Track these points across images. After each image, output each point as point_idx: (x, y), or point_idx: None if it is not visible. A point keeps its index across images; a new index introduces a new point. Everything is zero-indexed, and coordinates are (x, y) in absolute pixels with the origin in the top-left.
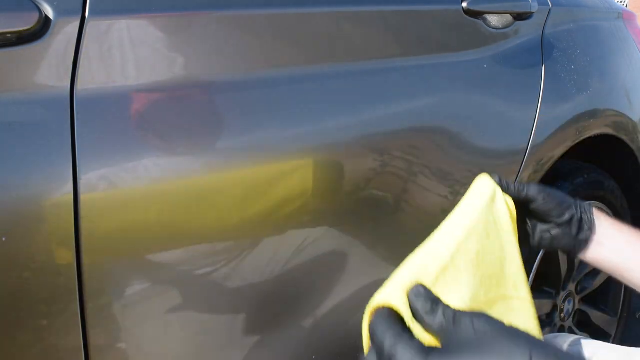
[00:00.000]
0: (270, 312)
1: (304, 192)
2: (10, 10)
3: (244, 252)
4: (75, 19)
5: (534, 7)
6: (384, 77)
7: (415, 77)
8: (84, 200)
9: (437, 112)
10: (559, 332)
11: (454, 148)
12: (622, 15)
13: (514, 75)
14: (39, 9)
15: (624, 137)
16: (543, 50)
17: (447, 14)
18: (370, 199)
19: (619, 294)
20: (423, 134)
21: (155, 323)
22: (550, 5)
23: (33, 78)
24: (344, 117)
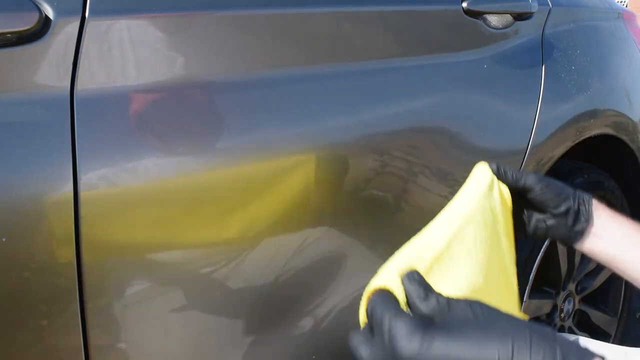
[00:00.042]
0: (270, 312)
1: (304, 192)
2: (10, 10)
3: (244, 252)
4: (75, 19)
5: (534, 7)
6: (384, 77)
7: (415, 77)
8: (84, 200)
9: (437, 112)
10: (559, 332)
11: (454, 148)
12: (622, 15)
13: (514, 75)
14: (39, 9)
15: (624, 137)
16: (543, 50)
17: (447, 14)
18: (370, 199)
19: (619, 294)
20: (423, 134)
21: (155, 323)
22: (550, 5)
23: (33, 78)
24: (344, 117)
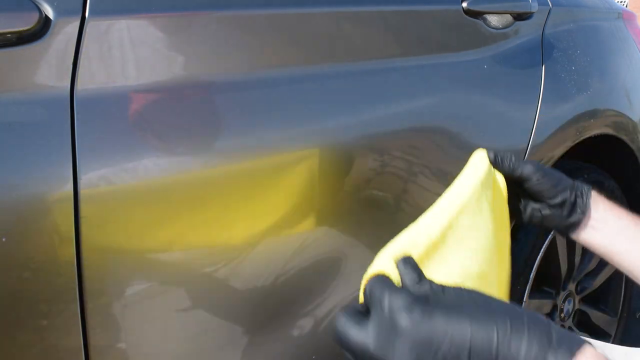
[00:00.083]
0: (270, 312)
1: (304, 192)
2: (10, 10)
3: (244, 251)
4: (75, 19)
5: (534, 7)
6: (384, 77)
7: (415, 77)
8: (84, 200)
9: (437, 112)
10: None
11: (454, 148)
12: (622, 15)
13: (514, 75)
14: (39, 9)
15: (624, 137)
16: (543, 50)
17: (447, 14)
18: (370, 199)
19: (619, 294)
20: (423, 134)
21: (155, 323)
22: (550, 5)
23: (33, 78)
24: (344, 117)
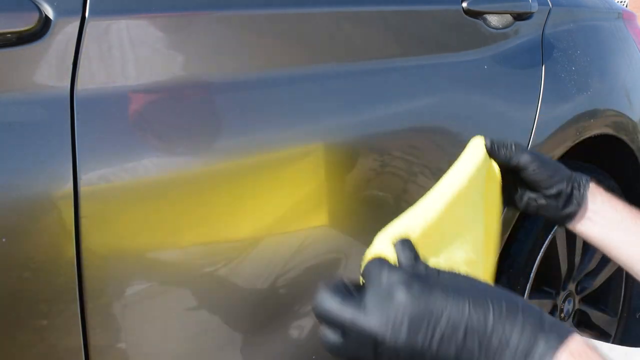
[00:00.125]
0: (271, 312)
1: (304, 192)
2: (10, 10)
3: (244, 251)
4: (75, 19)
5: (534, 7)
6: (384, 77)
7: (415, 77)
8: (84, 200)
9: (437, 112)
10: None
11: (454, 148)
12: (622, 15)
13: (514, 75)
14: (39, 9)
15: (624, 137)
16: (543, 50)
17: (447, 14)
18: (370, 199)
19: (619, 294)
20: (423, 134)
21: (155, 323)
22: (550, 5)
23: (33, 78)
24: (344, 117)
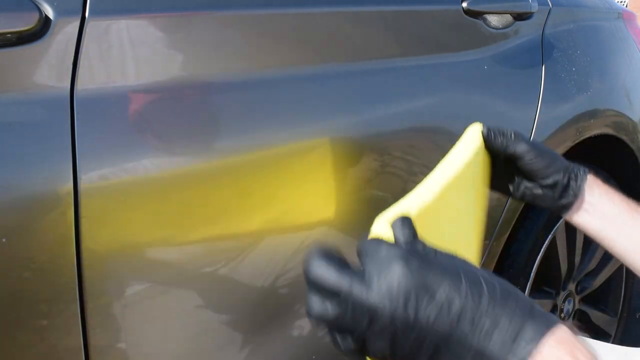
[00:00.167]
0: (271, 312)
1: (304, 192)
2: (10, 10)
3: (244, 251)
4: (75, 19)
5: (534, 7)
6: (384, 77)
7: (415, 77)
8: (84, 200)
9: (437, 112)
10: None
11: None
12: (622, 15)
13: (514, 75)
14: (39, 9)
15: (624, 137)
16: (543, 50)
17: (447, 14)
18: (370, 198)
19: (619, 294)
20: (423, 134)
21: (155, 323)
22: (550, 5)
23: (33, 78)
24: (344, 117)
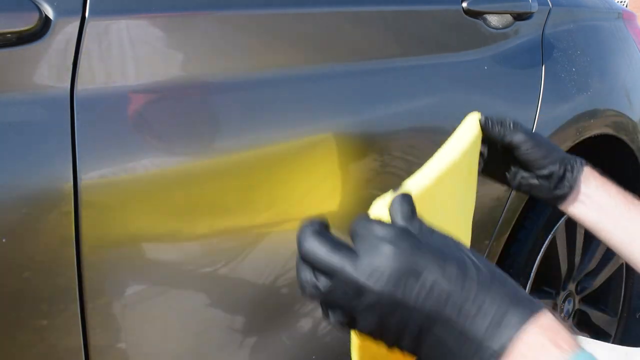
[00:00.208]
0: (271, 312)
1: (304, 191)
2: (10, 10)
3: (244, 251)
4: (75, 19)
5: (534, 7)
6: (384, 77)
7: (415, 77)
8: (84, 200)
9: (437, 112)
10: None
11: None
12: (622, 15)
13: (514, 75)
14: (39, 9)
15: (624, 137)
16: (543, 50)
17: (447, 14)
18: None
19: (619, 294)
20: (423, 134)
21: (155, 323)
22: (550, 5)
23: (33, 78)
24: (343, 117)
